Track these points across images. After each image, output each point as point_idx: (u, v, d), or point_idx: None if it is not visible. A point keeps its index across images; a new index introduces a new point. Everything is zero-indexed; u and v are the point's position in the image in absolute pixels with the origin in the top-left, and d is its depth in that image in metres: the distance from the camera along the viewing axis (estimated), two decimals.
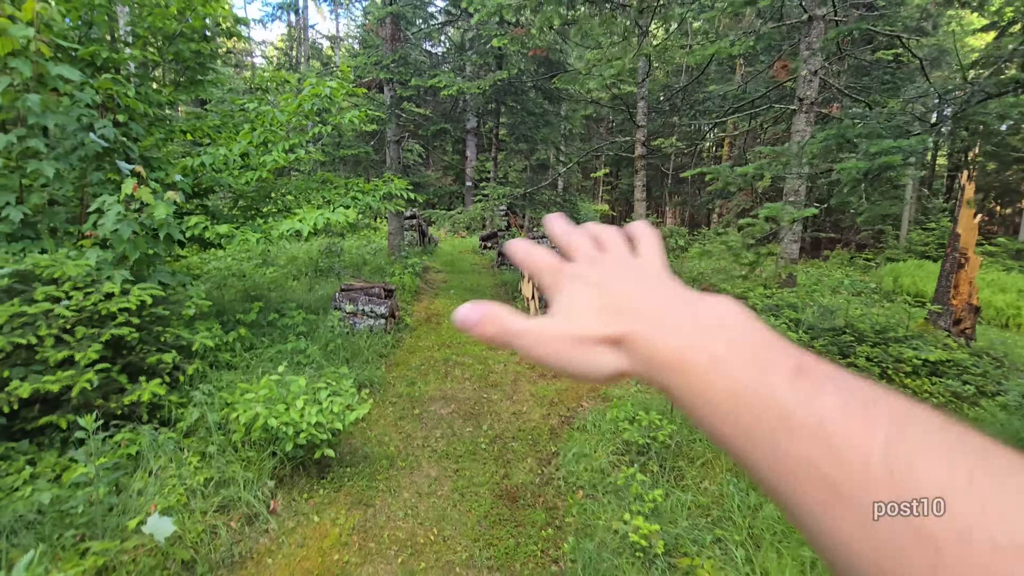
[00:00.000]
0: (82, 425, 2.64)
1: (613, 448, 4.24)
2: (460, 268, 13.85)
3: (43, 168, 3.75)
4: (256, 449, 3.61)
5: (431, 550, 3.23)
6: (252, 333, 5.65)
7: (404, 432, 4.86)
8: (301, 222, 4.89)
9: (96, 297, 3.37)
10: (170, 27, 5.86)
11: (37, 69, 3.85)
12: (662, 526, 3.19)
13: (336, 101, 5.72)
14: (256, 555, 3.01)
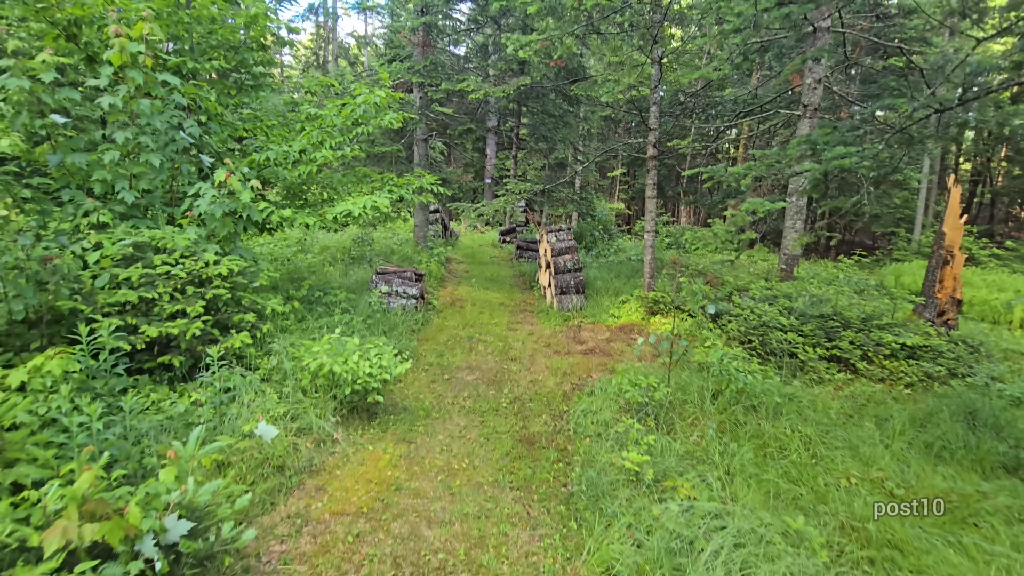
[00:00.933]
0: (215, 352, 3.45)
1: (616, 407, 4.95)
2: (480, 260, 14.63)
3: (152, 159, 4.59)
4: (321, 392, 4.41)
5: (464, 474, 3.99)
6: (303, 307, 6.47)
7: (436, 392, 5.64)
8: (353, 205, 5.69)
9: (200, 263, 4.19)
10: (236, 39, 6.72)
11: (146, 78, 4.69)
12: (652, 459, 3.90)
13: (383, 108, 6.51)
14: (327, 468, 3.80)
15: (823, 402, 5.25)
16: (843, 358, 6.21)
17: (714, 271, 9.96)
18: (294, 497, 3.42)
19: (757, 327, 6.53)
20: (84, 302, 3.74)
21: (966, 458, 4.19)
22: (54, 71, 4.34)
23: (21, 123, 4.30)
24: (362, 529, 3.19)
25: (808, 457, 4.21)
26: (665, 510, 3.23)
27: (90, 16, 5.19)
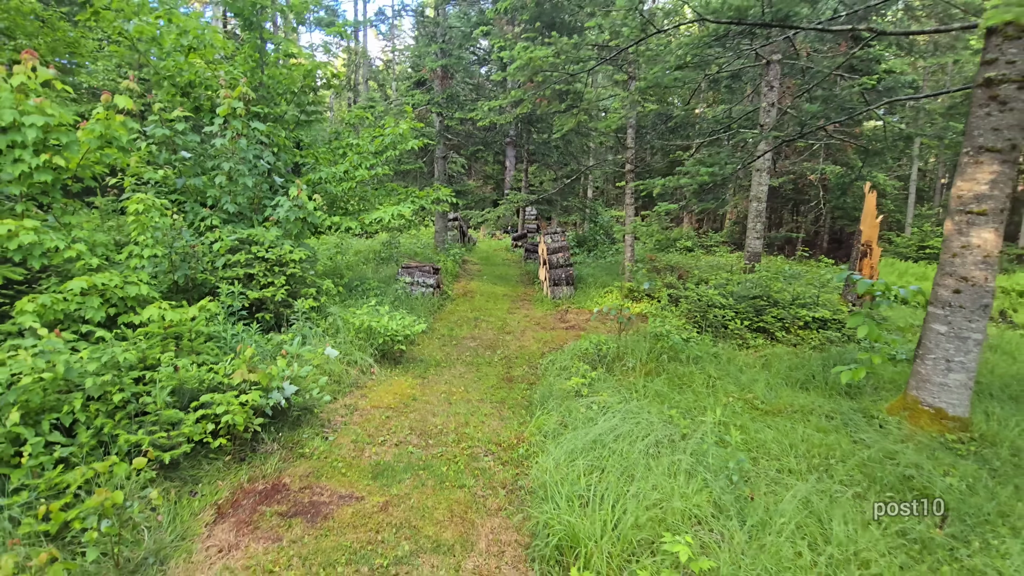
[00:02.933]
0: (291, 313, 5.36)
1: (575, 357, 6.70)
2: (493, 262, 16.51)
3: (246, 181, 6.61)
4: (362, 340, 6.30)
5: (459, 395, 5.79)
6: (344, 291, 8.42)
7: (445, 352, 7.48)
8: (383, 213, 7.62)
9: (281, 252, 6.15)
10: (295, 86, 8.79)
11: (242, 127, 6.72)
12: (590, 384, 5.63)
13: (407, 137, 8.46)
14: (367, 385, 5.67)
15: (738, 358, 6.88)
16: (767, 328, 7.81)
17: (687, 266, 11.57)
18: (347, 397, 5.29)
19: (702, 306, 8.18)
20: (211, 275, 5.72)
21: (820, 387, 5.80)
22: (184, 122, 6.40)
23: (164, 158, 6.36)
24: (389, 415, 5.03)
25: (707, 387, 5.87)
26: (584, 405, 4.98)
27: (199, 80, 7.30)
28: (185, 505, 3.26)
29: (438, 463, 4.14)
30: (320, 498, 3.49)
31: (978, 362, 4.64)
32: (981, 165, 4.33)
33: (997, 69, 4.23)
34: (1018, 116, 4.18)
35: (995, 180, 4.28)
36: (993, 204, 4.31)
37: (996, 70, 4.23)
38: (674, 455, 3.81)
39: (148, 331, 3.99)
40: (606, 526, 2.93)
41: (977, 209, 4.36)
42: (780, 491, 3.48)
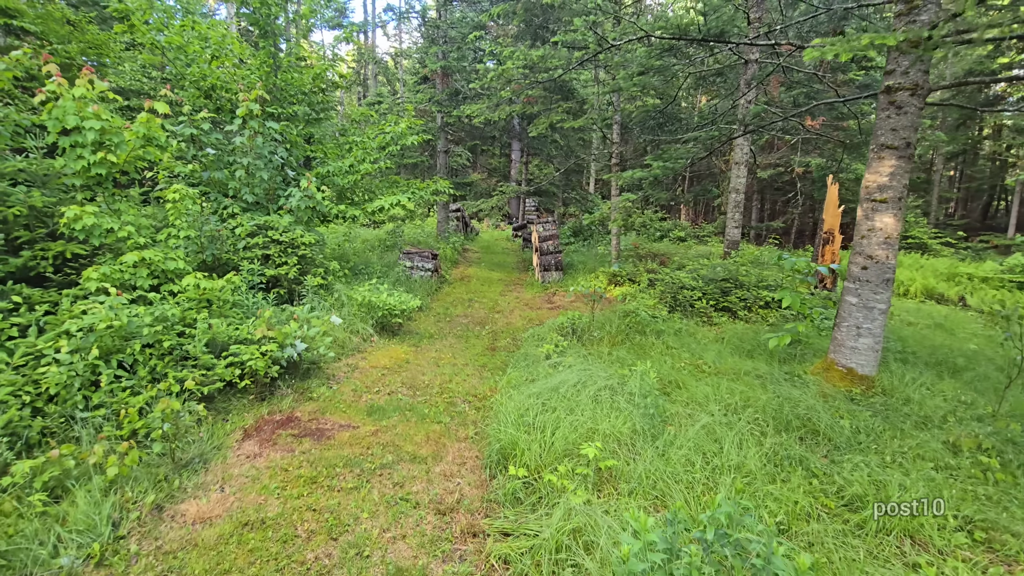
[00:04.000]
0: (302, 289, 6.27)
1: (552, 330, 7.55)
2: (493, 250, 17.36)
3: (263, 174, 7.51)
4: (363, 313, 7.20)
5: (447, 360, 6.67)
6: (350, 274, 9.32)
7: (439, 327, 8.36)
8: (385, 203, 8.50)
9: (293, 236, 7.06)
10: (306, 87, 9.66)
11: (259, 126, 7.60)
12: (561, 351, 6.48)
13: (405, 134, 9.31)
14: (367, 350, 6.57)
15: (699, 332, 7.69)
16: (730, 308, 8.60)
17: (669, 253, 12.33)
18: (349, 359, 6.20)
19: (673, 288, 8.98)
20: (234, 255, 6.64)
21: (763, 356, 6.59)
22: (209, 123, 7.31)
23: (192, 154, 7.28)
24: (385, 373, 5.93)
25: (664, 355, 6.69)
26: (551, 365, 5.83)
27: (220, 84, 8.20)
28: (220, 427, 4.18)
29: (422, 406, 5.03)
30: (324, 426, 4.40)
31: (884, 328, 5.41)
32: (883, 160, 5.09)
33: (895, 79, 4.98)
34: (911, 118, 4.93)
35: (894, 173, 5.04)
36: (892, 193, 5.08)
37: (894, 79, 4.98)
38: (613, 399, 4.66)
39: (187, 296, 4.91)
40: (542, 439, 3.80)
41: (880, 197, 5.13)
42: (694, 424, 4.32)
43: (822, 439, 4.35)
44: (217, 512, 3.17)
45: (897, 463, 3.94)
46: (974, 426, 4.64)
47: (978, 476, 3.93)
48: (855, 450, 4.17)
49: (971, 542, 3.22)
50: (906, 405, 5.00)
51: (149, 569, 2.69)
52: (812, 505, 3.38)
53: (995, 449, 4.26)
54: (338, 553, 2.89)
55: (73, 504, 2.97)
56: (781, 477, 3.65)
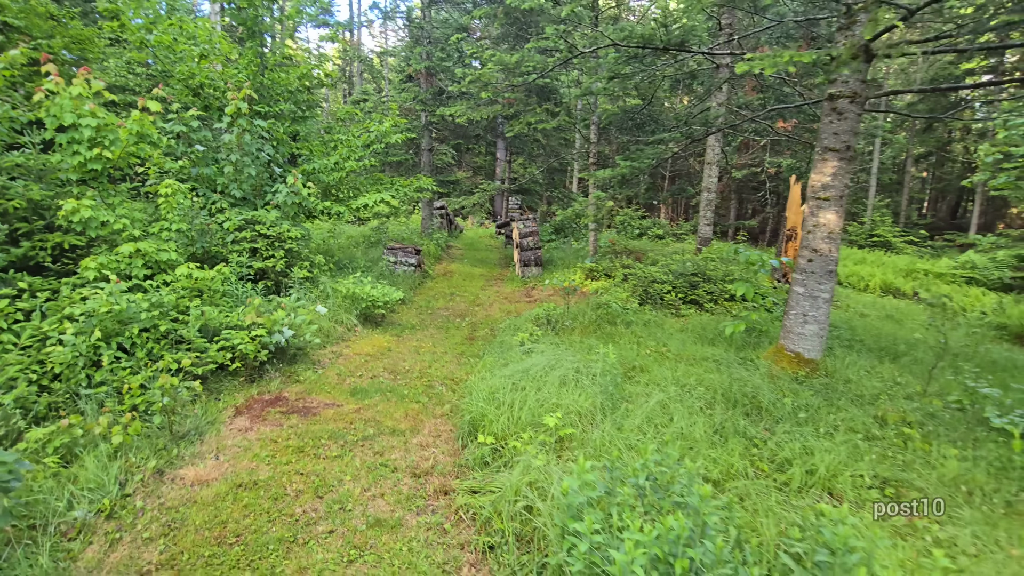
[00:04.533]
0: (288, 281, 6.59)
1: (528, 320, 7.95)
2: (477, 247, 17.73)
3: (250, 171, 7.79)
4: (348, 304, 7.53)
5: (427, 349, 7.04)
6: (335, 267, 9.63)
7: (421, 319, 8.72)
8: (368, 199, 8.82)
9: (280, 230, 7.36)
10: (292, 86, 9.93)
11: (247, 124, 7.89)
12: (535, 340, 6.88)
13: (389, 133, 9.63)
14: (351, 339, 6.92)
15: (666, 323, 8.15)
16: (697, 300, 9.08)
17: (644, 250, 12.81)
18: (334, 347, 6.53)
19: (645, 282, 9.44)
20: (223, 248, 6.94)
21: (722, 343, 7.07)
22: (197, 120, 7.58)
23: (181, 151, 7.54)
24: (367, 359, 6.28)
25: (631, 343, 7.13)
26: (524, 351, 6.23)
27: (208, 82, 8.45)
28: (213, 405, 4.51)
29: (402, 388, 5.40)
30: (310, 405, 4.75)
31: (828, 316, 5.91)
32: (826, 162, 5.57)
33: (836, 87, 5.45)
34: (850, 123, 5.42)
35: (835, 173, 5.52)
36: (835, 192, 5.56)
37: (836, 88, 5.46)
38: (578, 380, 5.08)
39: (180, 284, 5.21)
40: (509, 413, 4.20)
41: (823, 196, 5.61)
42: (650, 400, 4.75)
43: (765, 414, 4.81)
44: (213, 476, 3.52)
45: (828, 434, 4.40)
46: (903, 403, 5.14)
47: (899, 444, 4.42)
48: (794, 423, 4.63)
49: (882, 496, 3.69)
50: (845, 385, 5.49)
51: (154, 520, 3.04)
52: (747, 467, 3.83)
53: (918, 422, 4.76)
54: (323, 508, 3.26)
55: (83, 467, 3.29)
56: (721, 444, 4.09)
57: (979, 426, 4.67)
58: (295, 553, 2.85)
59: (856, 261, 13.37)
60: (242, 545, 2.88)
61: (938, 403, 5.04)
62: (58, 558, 2.64)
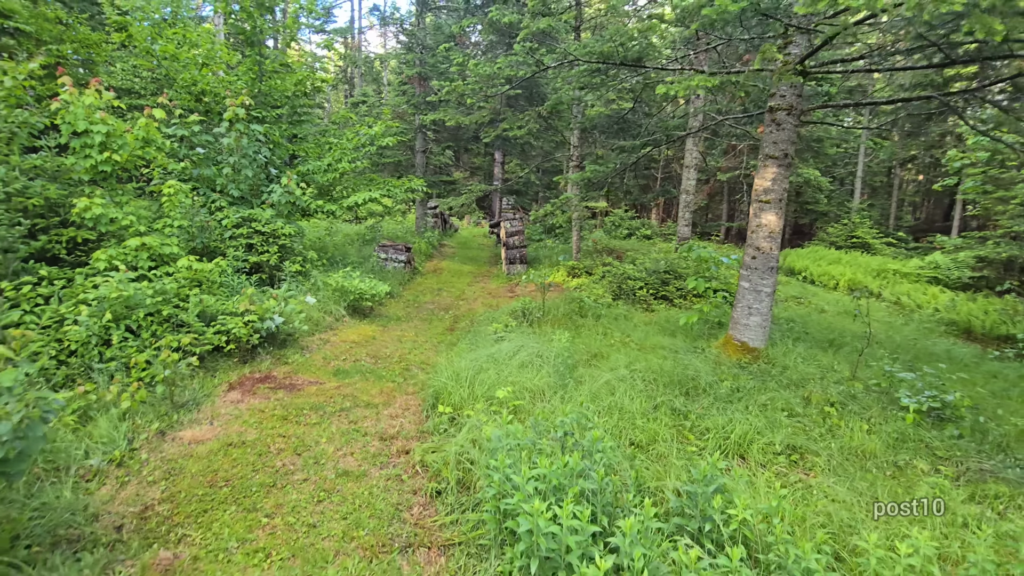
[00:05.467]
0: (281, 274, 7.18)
1: (505, 313, 8.52)
2: (470, 246, 18.31)
3: (248, 172, 8.38)
4: (337, 296, 8.11)
5: (408, 338, 7.61)
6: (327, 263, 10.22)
7: (407, 311, 9.30)
8: (358, 198, 9.41)
9: (274, 227, 7.95)
10: (289, 91, 10.52)
11: (244, 128, 8.47)
12: (508, 329, 7.45)
13: (380, 136, 10.21)
14: (339, 328, 7.50)
15: (635, 316, 8.71)
16: (668, 296, 9.64)
17: (625, 249, 13.38)
18: (322, 334, 7.12)
19: (620, 279, 10.00)
20: (221, 244, 7.53)
21: (683, 335, 7.62)
22: (199, 124, 8.17)
23: (183, 153, 8.14)
24: (352, 346, 6.86)
25: (600, 334, 7.69)
26: (495, 340, 6.80)
27: (209, 89, 9.04)
28: (208, 381, 5.09)
29: (380, 370, 5.98)
30: (296, 382, 5.33)
31: (771, 309, 6.46)
32: (768, 168, 6.12)
33: (775, 100, 6.02)
34: (788, 133, 5.97)
35: (775, 178, 6.08)
36: (775, 195, 6.12)
37: (775, 101, 6.02)
38: (538, 363, 5.65)
39: (181, 275, 5.80)
40: (469, 388, 4.77)
41: (765, 199, 6.17)
42: (598, 380, 5.31)
43: (703, 395, 5.37)
44: (208, 437, 4.10)
45: (754, 412, 4.96)
46: (832, 387, 5.69)
47: (818, 421, 4.98)
48: (728, 402, 5.19)
49: (787, 461, 4.25)
50: (782, 371, 6.05)
51: (156, 469, 3.62)
52: (673, 435, 4.39)
53: (839, 402, 5.32)
54: (300, 462, 3.84)
55: (96, 426, 3.88)
56: (654, 417, 4.66)
57: (891, 405, 5.23)
58: (274, 494, 3.43)
59: (830, 261, 13.91)
60: (230, 488, 3.46)
61: (859, 385, 5.60)
62: (78, 493, 3.22)
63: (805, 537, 2.94)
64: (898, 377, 5.54)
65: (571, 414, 3.41)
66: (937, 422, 4.98)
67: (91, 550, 2.77)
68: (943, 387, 5.25)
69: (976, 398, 5.62)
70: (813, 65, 5.89)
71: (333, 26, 32.76)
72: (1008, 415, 5.32)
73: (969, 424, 4.88)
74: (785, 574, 2.46)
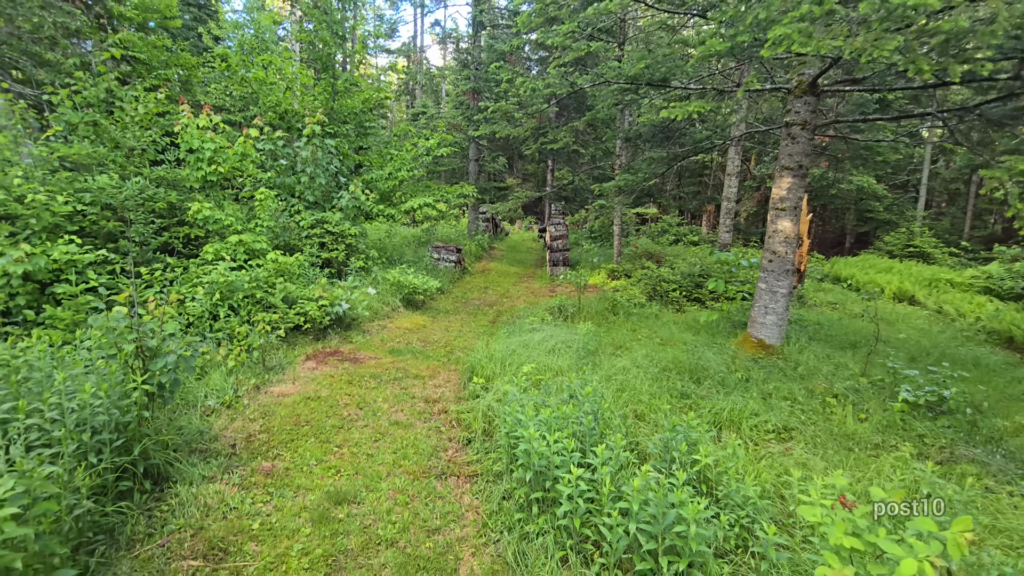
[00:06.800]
0: (346, 269, 8.33)
1: (543, 309, 9.32)
2: (518, 249, 19.23)
3: (321, 180, 9.66)
4: (394, 290, 9.20)
5: (455, 328, 8.56)
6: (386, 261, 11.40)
7: (455, 306, 10.28)
8: (413, 203, 10.52)
9: (342, 228, 9.15)
10: (357, 108, 11.83)
11: (319, 143, 9.76)
12: (543, 323, 8.24)
13: (435, 148, 11.32)
14: (395, 317, 8.56)
15: (664, 315, 9.27)
16: (700, 298, 10.11)
17: (665, 253, 13.82)
18: (380, 321, 8.19)
19: (654, 281, 10.57)
20: (299, 241, 8.79)
21: (706, 331, 8.14)
22: (281, 140, 9.53)
23: (269, 164, 9.51)
24: (406, 332, 7.88)
25: (628, 330, 8.34)
26: (530, 330, 7.62)
27: (291, 110, 10.44)
28: (290, 352, 6.22)
29: (428, 352, 6.94)
30: (359, 357, 6.37)
31: (787, 309, 6.91)
32: (783, 178, 6.62)
33: (791, 116, 6.51)
34: (802, 147, 6.45)
35: (790, 187, 6.57)
36: (789, 203, 6.60)
37: (791, 117, 6.52)
38: (564, 349, 6.42)
39: (269, 266, 7.01)
40: (500, 365, 5.62)
41: (780, 206, 6.66)
42: (615, 365, 6.02)
43: (714, 383, 5.96)
44: (291, 392, 5.16)
45: (755, 398, 5.51)
46: (839, 381, 6.12)
47: (817, 409, 5.47)
48: (733, 389, 5.76)
49: (776, 437, 4.82)
50: (795, 367, 6.51)
51: (255, 411, 4.69)
52: (673, 410, 5.05)
53: (842, 394, 5.76)
54: (362, 414, 4.82)
55: (211, 379, 5.02)
56: (659, 395, 5.33)
57: (891, 399, 5.61)
58: (342, 433, 4.41)
59: (879, 270, 13.73)
60: (309, 427, 4.47)
61: (864, 380, 5.99)
62: (203, 422, 4.33)
63: (751, 479, 3.57)
64: (902, 374, 5.89)
65: (576, 381, 4.18)
66: (933, 415, 5.34)
67: (216, 458, 3.82)
68: (944, 384, 5.57)
69: (984, 398, 5.88)
70: (827, 84, 6.35)
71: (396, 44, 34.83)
72: (1013, 414, 5.57)
73: (964, 418, 5.22)
74: (728, 499, 3.14)
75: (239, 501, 3.35)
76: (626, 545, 2.69)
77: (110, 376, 3.02)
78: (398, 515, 3.35)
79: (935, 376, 5.69)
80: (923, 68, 3.09)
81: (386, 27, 29.22)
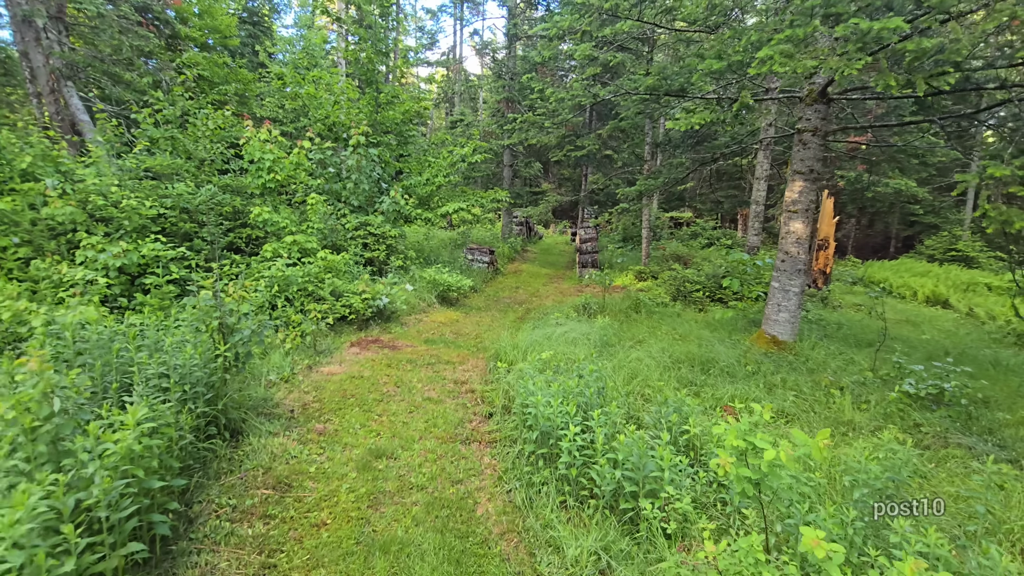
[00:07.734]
0: (386, 268, 9.11)
1: (569, 307, 9.85)
2: (551, 251, 19.77)
3: (365, 186, 10.51)
4: (430, 287, 9.93)
5: (487, 323, 9.20)
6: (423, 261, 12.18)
7: (486, 303, 10.93)
8: (449, 207, 11.25)
9: (383, 230, 9.95)
10: (398, 119, 12.69)
11: (364, 152, 10.62)
12: (568, 319, 8.78)
13: (470, 155, 12.04)
14: (431, 312, 9.27)
15: (686, 314, 9.63)
16: (723, 298, 10.41)
17: (692, 255, 14.08)
18: (417, 315, 8.91)
19: (678, 282, 10.92)
20: (344, 242, 9.64)
21: (724, 328, 8.48)
22: (330, 149, 10.44)
23: (319, 172, 10.44)
24: (440, 325, 8.56)
25: (649, 327, 8.77)
26: (554, 324, 8.17)
27: (338, 122, 11.37)
28: (337, 339, 6.99)
29: (459, 342, 7.60)
30: (397, 344, 7.09)
31: (800, 307, 7.21)
32: (795, 182, 6.95)
33: (803, 124, 6.85)
34: (813, 152, 6.78)
35: (802, 191, 6.89)
36: (801, 206, 6.93)
37: (802, 124, 6.85)
38: (583, 340, 6.95)
39: (319, 263, 7.83)
40: (522, 353, 6.21)
41: (793, 209, 6.99)
42: (629, 356, 6.50)
43: (722, 373, 6.37)
44: (339, 372, 5.90)
45: (760, 387, 5.90)
46: (846, 376, 6.41)
47: (820, 399, 5.81)
48: (740, 379, 6.15)
49: (772, 422, 5.21)
50: (804, 362, 6.82)
51: (309, 385, 5.44)
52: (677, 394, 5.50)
53: (848, 387, 6.07)
54: (399, 391, 5.50)
55: (271, 358, 5.81)
56: (666, 382, 5.79)
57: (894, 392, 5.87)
58: (381, 405, 5.10)
59: (915, 273, 13.56)
60: (354, 399, 5.18)
61: (869, 374, 6.26)
62: (266, 392, 5.09)
63: None
64: (907, 368, 6.13)
65: (585, 361, 4.72)
66: (936, 407, 5.59)
67: (278, 420, 4.56)
68: (946, 378, 5.80)
69: (992, 394, 6.06)
70: (837, 92, 6.67)
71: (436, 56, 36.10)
72: (1019, 409, 5.75)
73: (961, 410, 5.45)
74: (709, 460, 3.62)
75: (298, 452, 4.06)
76: (613, 489, 3.23)
77: (202, 344, 3.78)
78: (428, 468, 3.98)
79: (938, 371, 5.91)
80: (890, 84, 3.48)
81: (427, 39, 30.44)
